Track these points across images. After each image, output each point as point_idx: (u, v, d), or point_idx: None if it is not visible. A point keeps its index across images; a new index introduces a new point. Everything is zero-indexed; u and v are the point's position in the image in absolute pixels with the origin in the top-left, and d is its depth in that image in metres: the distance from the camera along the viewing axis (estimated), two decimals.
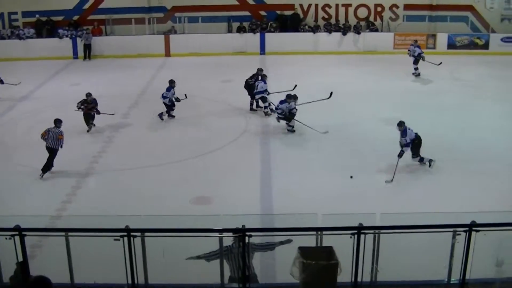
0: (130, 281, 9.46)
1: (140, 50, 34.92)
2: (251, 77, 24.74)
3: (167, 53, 35.42)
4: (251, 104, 24.67)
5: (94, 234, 9.54)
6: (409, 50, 30.03)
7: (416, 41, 31.47)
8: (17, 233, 9.13)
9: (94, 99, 21.96)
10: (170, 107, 23.07)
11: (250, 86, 24.49)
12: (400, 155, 17.63)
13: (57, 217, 14.87)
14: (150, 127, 22.32)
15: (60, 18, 36.88)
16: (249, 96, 24.62)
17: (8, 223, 9.37)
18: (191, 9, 36.41)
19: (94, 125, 21.98)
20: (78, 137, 21.06)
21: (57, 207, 15.89)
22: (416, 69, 29.64)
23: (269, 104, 23.77)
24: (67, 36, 35.39)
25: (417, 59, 29.34)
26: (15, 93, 27.10)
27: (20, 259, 9.33)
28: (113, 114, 22.53)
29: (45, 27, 36.58)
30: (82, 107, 21.65)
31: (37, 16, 36.62)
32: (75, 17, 36.78)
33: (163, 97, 22.80)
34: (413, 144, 17.87)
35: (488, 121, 22.78)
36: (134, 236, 9.32)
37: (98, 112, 21.89)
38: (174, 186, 17.15)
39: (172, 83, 22.99)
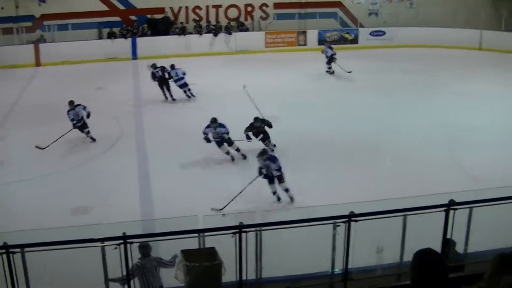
0: None
1: (9, 61, 33.86)
2: (155, 68, 26.01)
3: (38, 63, 34.58)
4: (171, 96, 26.08)
5: None
6: (322, 52, 30.43)
7: (326, 41, 32.29)
8: None
9: None
10: (81, 128, 21.37)
11: (161, 78, 25.72)
12: (260, 173, 16.29)
13: None
14: (24, 140, 21.75)
15: None
16: (162, 89, 25.97)
17: None
18: (60, 16, 35.72)
19: None
20: None
21: None
22: (329, 68, 30.09)
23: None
24: None
25: (330, 59, 29.78)
26: None
27: None
28: None
29: None
30: None
31: None
32: None
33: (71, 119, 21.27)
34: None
35: (360, 113, 23.47)
36: (14, 253, 9.14)
37: None
38: (50, 198, 16.73)
39: (70, 104, 21.26)
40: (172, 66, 26.15)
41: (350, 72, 29.37)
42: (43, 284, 10.44)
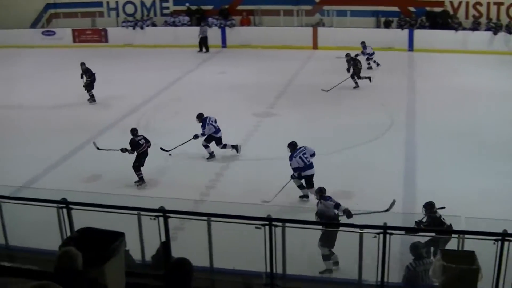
0: (268, 270, 9.48)
1: (288, 42, 35.07)
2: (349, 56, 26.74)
3: (315, 46, 35.40)
4: (367, 77, 26.55)
5: (236, 221, 9.58)
6: None
7: None
8: (161, 214, 9.34)
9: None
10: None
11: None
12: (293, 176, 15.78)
13: (201, 202, 15.15)
14: (295, 118, 22.21)
15: (210, 7, 37.57)
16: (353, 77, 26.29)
17: (154, 205, 9.61)
18: (339, 2, 36.24)
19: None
20: (225, 123, 21.37)
21: (201, 192, 16.24)
22: None
23: None
24: (216, 25, 36.01)
25: None
26: (163, 79, 27.95)
27: (163, 239, 9.55)
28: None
29: (195, 16, 37.35)
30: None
31: (187, 4, 37.50)
32: (225, 7, 37.33)
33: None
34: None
35: None
36: (276, 226, 9.31)
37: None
38: (315, 178, 16.96)
39: (199, 117, 18.99)
40: (364, 44, 27.95)
41: None
42: (298, 260, 10.59)
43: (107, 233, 9.02)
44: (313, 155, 15.95)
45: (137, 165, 16.86)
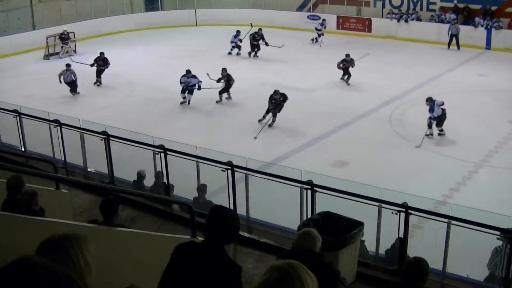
0: None
1: None
2: None
3: None
4: None
5: (475, 228, 9.26)
6: None
7: None
8: (403, 210, 9.37)
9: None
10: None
11: None
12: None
13: (442, 203, 14.92)
14: None
15: (477, 6, 36.51)
16: None
17: (396, 199, 9.65)
18: None
19: None
20: (474, 125, 20.88)
21: (444, 193, 15.93)
22: None
23: None
24: (482, 25, 35.00)
25: None
26: (422, 74, 27.87)
27: (401, 235, 9.59)
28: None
29: (462, 14, 36.52)
30: None
31: (455, 1, 36.64)
32: (493, 7, 36.10)
33: None
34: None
35: None
36: None
37: None
38: None
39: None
40: None
41: None
42: None
43: (347, 220, 9.22)
44: None
45: None
